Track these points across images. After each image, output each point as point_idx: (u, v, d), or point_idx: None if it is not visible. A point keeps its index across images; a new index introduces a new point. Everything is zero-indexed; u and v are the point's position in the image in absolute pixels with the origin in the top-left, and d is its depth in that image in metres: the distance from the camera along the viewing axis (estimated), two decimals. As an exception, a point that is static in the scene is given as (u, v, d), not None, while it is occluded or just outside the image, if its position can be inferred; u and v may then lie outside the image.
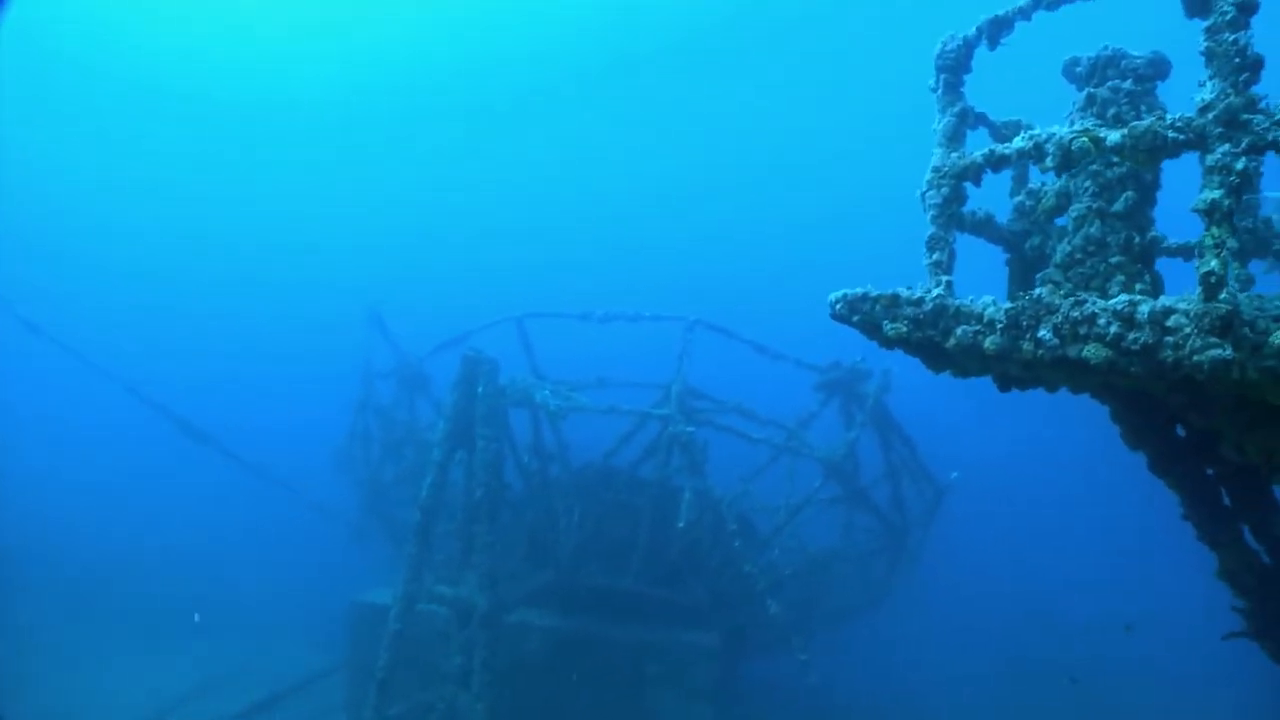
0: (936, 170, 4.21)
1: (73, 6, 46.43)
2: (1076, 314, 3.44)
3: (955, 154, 4.21)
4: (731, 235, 56.82)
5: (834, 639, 15.17)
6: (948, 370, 4.25)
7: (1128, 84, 4.24)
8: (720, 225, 57.08)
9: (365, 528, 16.12)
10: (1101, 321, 3.38)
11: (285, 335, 46.02)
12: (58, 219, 49.55)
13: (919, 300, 3.98)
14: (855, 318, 4.15)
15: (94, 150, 51.21)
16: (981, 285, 4.50)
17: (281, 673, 15.20)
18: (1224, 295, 3.18)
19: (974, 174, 4.10)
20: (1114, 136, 3.43)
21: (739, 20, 50.40)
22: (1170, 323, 3.23)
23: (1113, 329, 3.35)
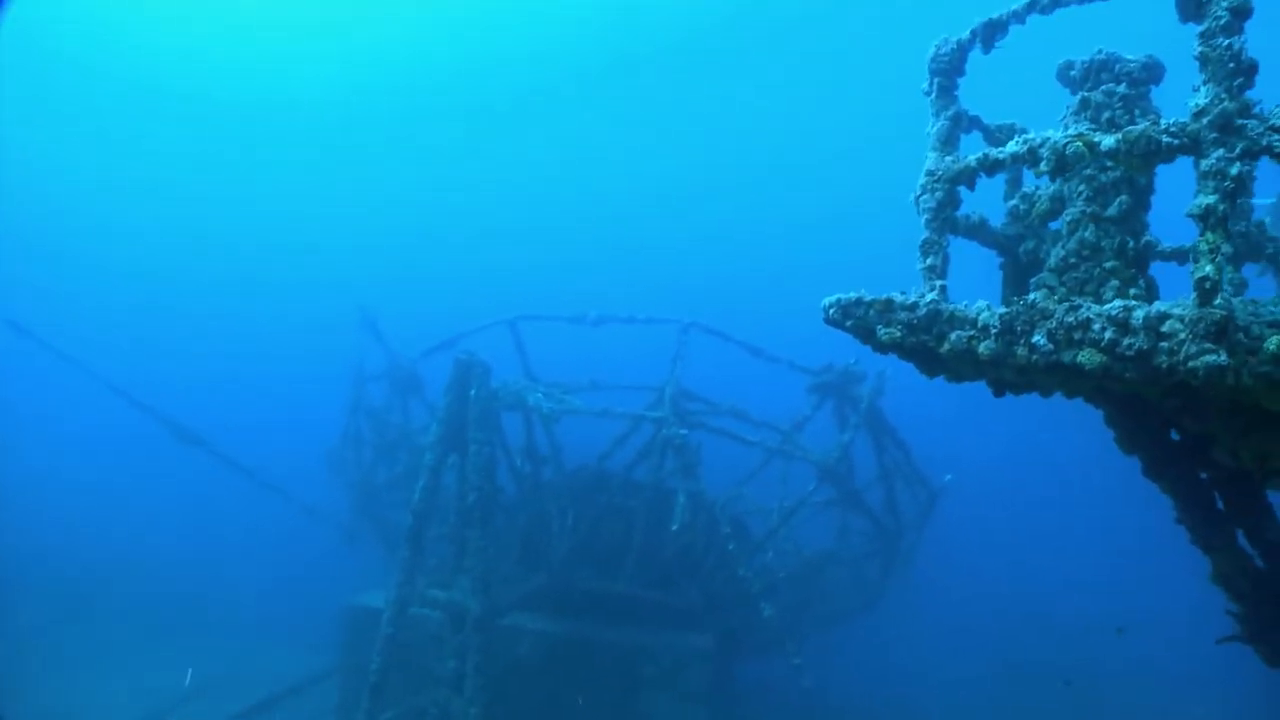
0: (930, 174, 4.20)
1: (73, 6, 46.37)
2: (1071, 319, 3.42)
3: (949, 158, 4.19)
4: (728, 236, 56.94)
5: (828, 641, 15.17)
6: (942, 375, 4.24)
7: (1122, 88, 4.23)
8: (716, 226, 57.20)
9: (357, 530, 16.07)
10: (1096, 327, 3.36)
11: (284, 335, 46.00)
12: (58, 219, 49.49)
13: (913, 305, 3.97)
14: (849, 323, 4.14)
15: (94, 150, 51.15)
16: (975, 289, 4.50)
17: (277, 674, 15.16)
18: (1219, 300, 3.17)
19: (968, 178, 4.09)
20: (1108, 141, 3.42)
21: (737, 21, 50.45)
22: (1165, 328, 3.21)
23: (1107, 334, 3.33)
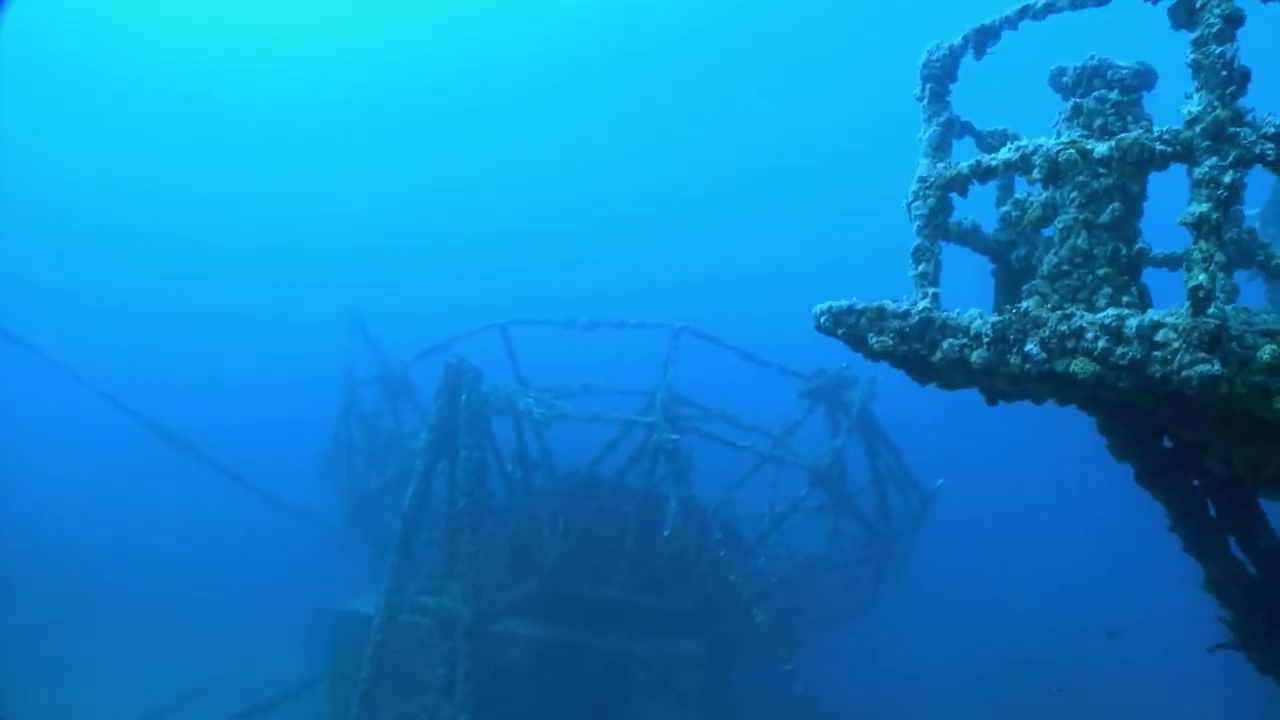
0: (922, 180, 4.17)
1: (73, 7, 46.21)
2: (1064, 328, 3.40)
3: (941, 164, 4.17)
4: (720, 239, 56.94)
5: (821, 646, 15.14)
6: (934, 383, 4.21)
7: (1114, 94, 4.21)
8: (709, 229, 57.22)
9: (348, 536, 15.99)
10: (1089, 336, 3.34)
11: (284, 334, 45.84)
12: (58, 219, 49.36)
13: (905, 313, 3.94)
14: (840, 331, 4.11)
15: (94, 150, 50.98)
16: (967, 295, 4.47)
17: (272, 676, 15.12)
18: (1212, 310, 3.15)
19: (960, 185, 4.07)
20: (1101, 148, 3.40)
21: (731, 26, 50.39)
22: (1158, 337, 3.19)
23: (1101, 343, 3.31)
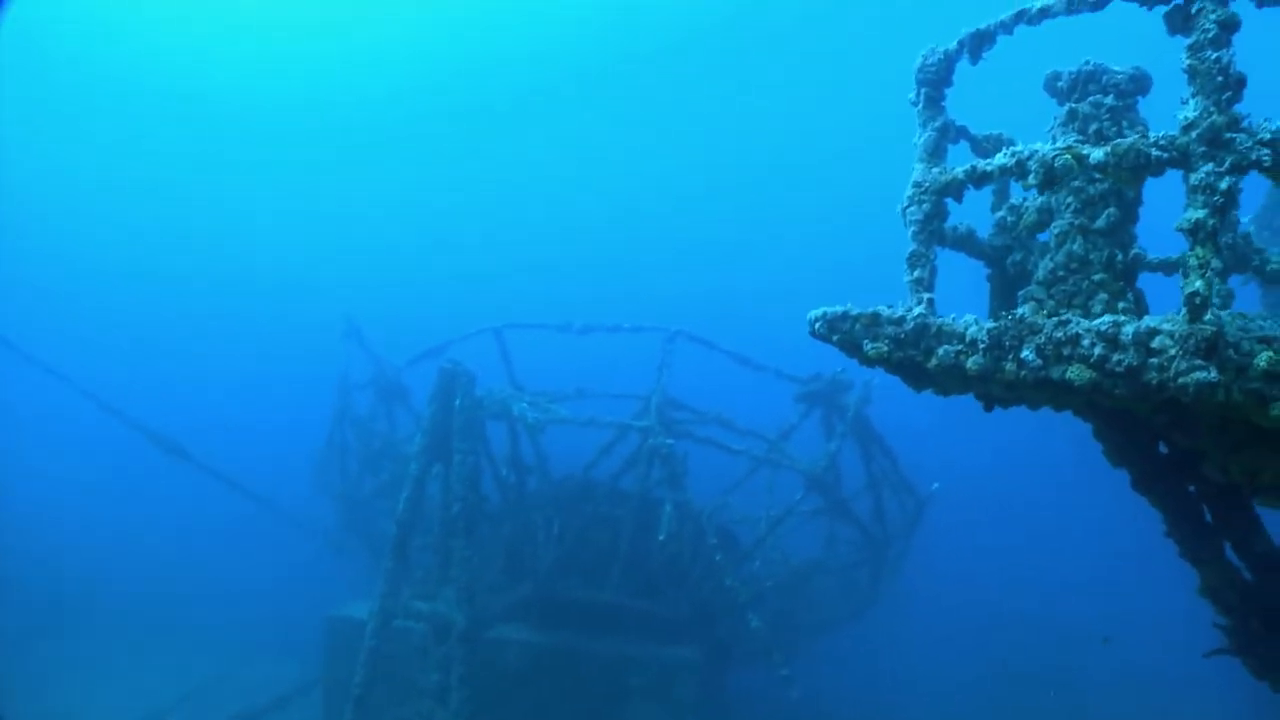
0: (917, 186, 4.15)
1: (73, 7, 46.16)
2: (1060, 335, 3.38)
3: (936, 169, 4.15)
4: (715, 242, 56.96)
5: (817, 649, 15.11)
6: (929, 389, 4.19)
7: (1109, 99, 4.20)
8: (705, 232, 57.23)
9: (343, 542, 15.92)
10: (1085, 342, 3.32)
11: (284, 335, 45.75)
12: (57, 219, 49.29)
13: (900, 319, 3.92)
14: (835, 337, 4.09)
15: (94, 150, 50.87)
16: (963, 299, 4.45)
17: (267, 680, 15.05)
18: (1209, 316, 3.14)
19: (955, 190, 4.05)
20: (1097, 154, 3.38)
21: (732, 27, 50.34)
22: (1155, 344, 3.18)
23: (1097, 350, 3.29)
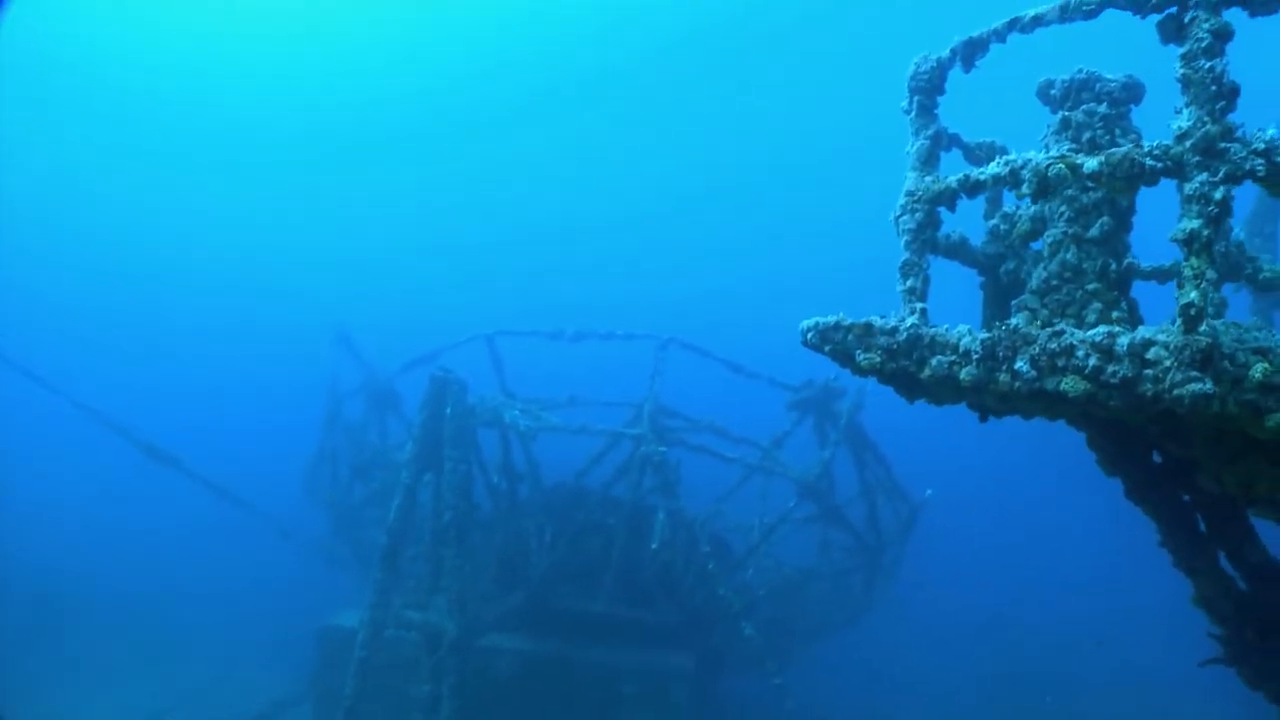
0: (910, 194, 4.12)
1: (73, 7, 46.13)
2: (1054, 345, 3.35)
3: (929, 178, 4.12)
4: (709, 249, 57.03)
5: (812, 655, 15.07)
6: (922, 399, 4.16)
7: (1102, 107, 4.18)
8: (703, 237, 57.33)
9: (333, 551, 15.81)
10: (1080, 353, 3.28)
11: (283, 335, 45.66)
12: (57, 221, 49.26)
13: (893, 330, 3.88)
14: (827, 348, 4.05)
15: (93, 151, 50.85)
16: (956, 308, 4.42)
17: (258, 690, 14.93)
18: (1204, 327, 3.10)
19: (948, 199, 4.01)
20: (1091, 163, 3.35)
21: (731, 31, 50.33)
22: (1150, 355, 3.14)
23: (1091, 361, 3.25)
